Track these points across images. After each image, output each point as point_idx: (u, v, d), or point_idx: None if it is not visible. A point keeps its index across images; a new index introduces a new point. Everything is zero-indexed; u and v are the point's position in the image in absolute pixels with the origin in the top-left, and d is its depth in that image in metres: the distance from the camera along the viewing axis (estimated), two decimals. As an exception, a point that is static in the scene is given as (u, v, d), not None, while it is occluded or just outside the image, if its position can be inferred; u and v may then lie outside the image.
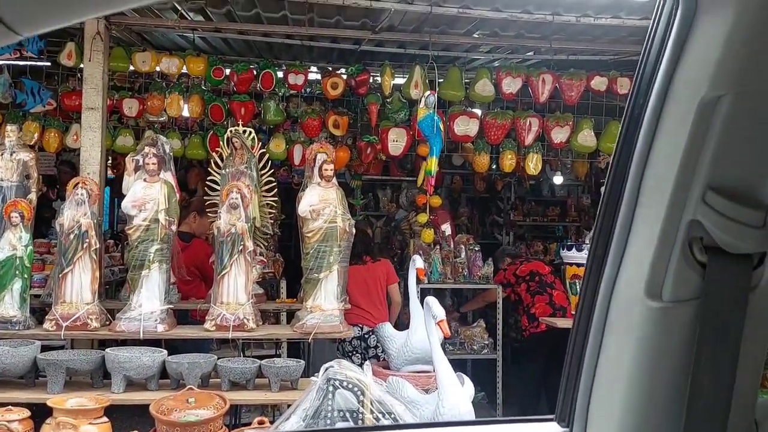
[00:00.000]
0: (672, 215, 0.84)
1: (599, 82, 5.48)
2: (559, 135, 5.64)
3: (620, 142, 0.95)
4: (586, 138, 5.69)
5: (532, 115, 5.60)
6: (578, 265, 4.66)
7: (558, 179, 8.33)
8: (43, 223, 5.65)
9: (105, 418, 3.07)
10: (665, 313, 0.85)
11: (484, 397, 6.14)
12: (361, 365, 4.85)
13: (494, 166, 6.64)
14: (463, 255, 6.02)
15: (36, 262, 4.52)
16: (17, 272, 3.60)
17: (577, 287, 4.68)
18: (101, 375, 3.46)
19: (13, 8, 0.61)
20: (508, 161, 5.75)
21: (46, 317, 3.67)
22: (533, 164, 5.75)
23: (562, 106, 5.77)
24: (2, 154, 4.03)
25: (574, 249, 4.71)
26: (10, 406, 3.01)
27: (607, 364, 0.93)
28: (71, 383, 3.42)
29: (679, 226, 0.84)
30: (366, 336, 4.96)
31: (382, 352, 4.75)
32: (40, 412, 3.07)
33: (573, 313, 4.86)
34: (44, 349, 4.04)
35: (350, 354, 4.95)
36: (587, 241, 6.13)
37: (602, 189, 3.95)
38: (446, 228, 6.55)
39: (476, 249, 6.13)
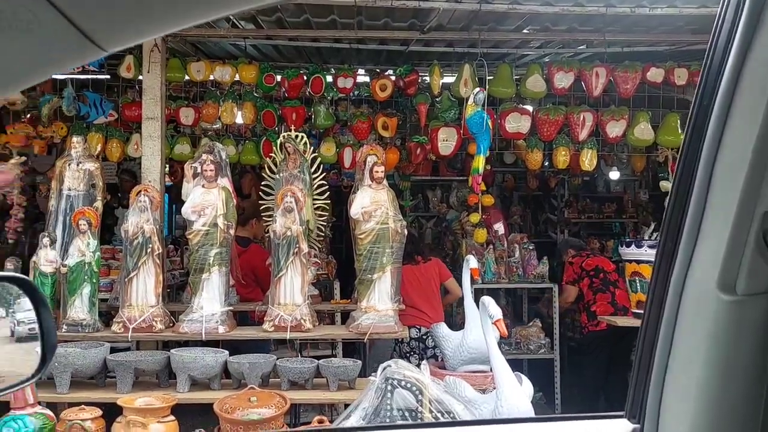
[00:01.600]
0: (745, 207, 0.82)
1: (655, 74, 5.34)
2: (614, 129, 5.52)
3: (688, 134, 0.93)
4: (643, 131, 5.55)
5: (586, 109, 5.49)
6: (638, 262, 4.55)
7: (614, 175, 8.15)
8: (106, 229, 5.87)
9: (172, 417, 3.18)
10: (739, 307, 0.84)
11: (542, 398, 6.06)
12: (419, 366, 4.88)
13: (547, 163, 6.55)
14: (517, 254, 5.96)
15: (101, 267, 4.71)
16: (86, 277, 3.76)
17: (638, 285, 4.58)
18: (167, 375, 3.58)
19: (101, 27, 0.65)
20: (562, 158, 5.65)
21: (114, 320, 3.82)
22: (588, 160, 5.64)
23: (617, 100, 5.65)
24: (69, 165, 4.22)
25: (633, 246, 4.60)
26: (83, 406, 3.14)
27: (679, 360, 0.91)
28: (139, 383, 3.54)
29: (753, 218, 0.82)
30: (424, 337, 4.96)
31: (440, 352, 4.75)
32: (110, 411, 3.20)
33: (634, 311, 4.79)
34: (112, 350, 4.21)
35: (408, 355, 4.96)
36: (646, 237, 5.99)
37: (661, 183, 3.87)
38: (499, 227, 6.50)
39: (530, 248, 6.06)
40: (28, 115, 5.46)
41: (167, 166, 6.45)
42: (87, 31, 0.65)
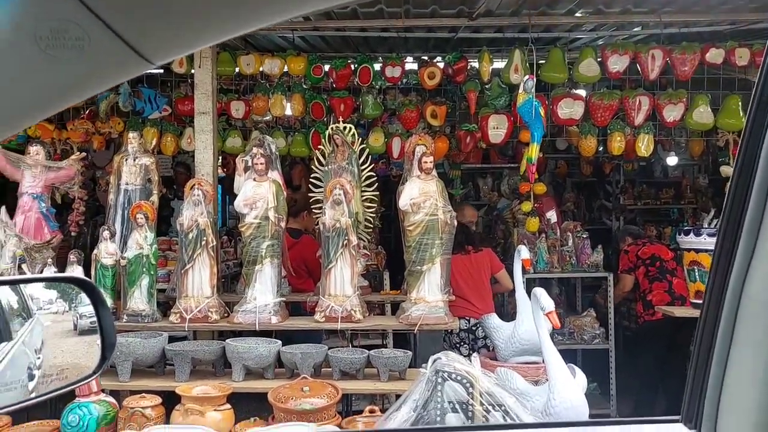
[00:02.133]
0: None
1: (715, 55, 5.13)
2: (672, 113, 5.34)
3: (749, 126, 0.89)
4: (702, 115, 5.35)
5: (642, 93, 5.33)
6: (696, 250, 4.40)
7: (672, 160, 7.89)
8: (162, 221, 6.03)
9: (228, 405, 3.26)
10: None
11: (597, 388, 5.95)
12: (468, 356, 4.86)
13: (601, 148, 6.39)
14: (570, 243, 5.85)
15: (159, 258, 4.84)
16: (144, 269, 3.88)
17: (696, 274, 4.43)
18: (222, 364, 3.67)
19: (149, 41, 0.67)
20: (617, 143, 5.50)
21: (171, 310, 3.93)
22: (644, 146, 5.48)
23: (674, 83, 5.46)
24: (126, 160, 4.35)
25: (692, 234, 4.45)
26: (143, 394, 3.26)
27: (738, 364, 0.88)
28: (196, 372, 3.64)
29: None
30: (473, 328, 4.94)
31: (491, 342, 4.72)
32: (169, 399, 3.31)
33: (692, 301, 4.64)
34: (170, 339, 4.34)
35: (458, 345, 4.95)
36: (705, 225, 5.79)
37: (722, 168, 3.73)
38: (551, 215, 6.39)
39: (584, 236, 5.93)
40: (87, 112, 5.65)
41: (219, 158, 6.60)
42: (135, 46, 0.66)
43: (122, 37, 0.65)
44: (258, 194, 3.93)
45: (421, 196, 3.89)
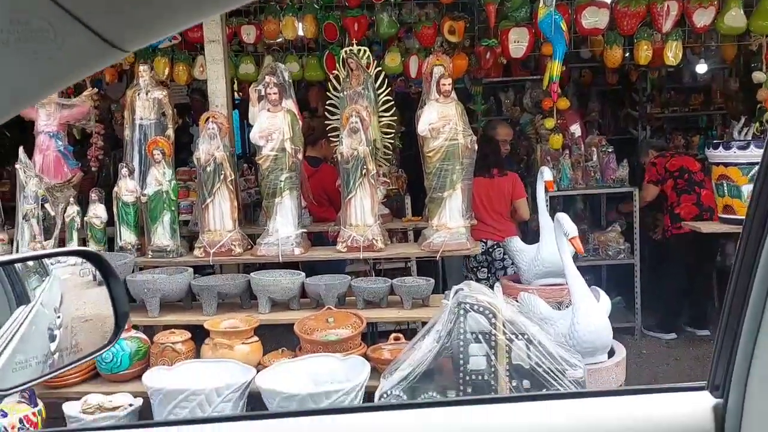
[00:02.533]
0: None
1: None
2: (702, 18, 5.06)
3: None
4: (735, 18, 5.05)
5: (671, -2, 5.04)
6: (725, 164, 4.28)
7: (702, 68, 7.55)
8: (182, 149, 5.98)
9: (255, 338, 3.33)
10: None
11: (621, 302, 6.00)
12: (487, 279, 4.89)
13: (627, 55, 6.12)
14: (594, 158, 5.72)
15: (181, 189, 4.84)
16: (165, 205, 3.89)
17: (725, 189, 4.33)
18: (248, 297, 3.73)
19: (119, 31, 0.62)
20: (644, 52, 5.26)
21: (195, 244, 3.97)
22: (672, 53, 5.22)
23: (705, -16, 5.13)
24: (139, 94, 4.28)
25: (721, 147, 4.31)
26: (173, 329, 3.33)
27: None
28: (223, 305, 3.71)
29: None
30: (490, 250, 4.93)
31: (511, 264, 4.72)
32: (199, 333, 3.38)
33: (720, 216, 4.56)
34: (198, 271, 4.41)
35: (475, 269, 4.96)
36: (736, 134, 5.60)
37: (755, 74, 3.53)
38: (575, 129, 6.23)
39: (609, 150, 5.80)
40: (97, 43, 5.53)
41: (235, 82, 6.48)
42: (103, 35, 0.61)
43: (89, 27, 0.60)
44: (273, 125, 3.85)
45: (440, 120, 3.78)
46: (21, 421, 2.67)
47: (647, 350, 5.43)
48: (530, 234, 5.22)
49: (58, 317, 1.49)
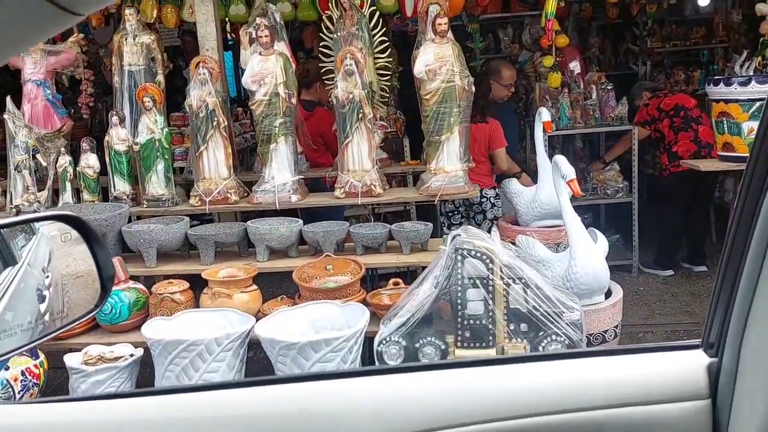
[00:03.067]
0: None
1: None
2: (706, -53, 4.88)
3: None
4: (741, -53, 4.88)
5: (675, -74, 4.85)
6: (726, 101, 4.20)
7: (704, 1, 7.34)
8: (177, 92, 5.86)
9: (254, 286, 3.34)
10: None
11: (620, 239, 6.02)
12: (459, 225, 4.87)
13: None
14: (594, 96, 5.63)
15: (176, 136, 4.79)
16: (158, 154, 3.83)
17: (725, 126, 4.26)
18: (246, 245, 3.72)
19: None
20: (645, -15, 5.10)
21: (191, 193, 3.93)
22: (675, -15, 5.06)
23: None
24: (126, 39, 4.16)
25: (722, 84, 4.22)
26: (171, 280, 3.34)
27: (767, 298, 0.81)
28: (221, 253, 3.71)
29: None
30: None
31: (490, 208, 4.74)
32: (197, 282, 3.39)
33: (720, 153, 4.51)
34: (197, 218, 4.39)
35: (450, 214, 4.92)
36: (737, 68, 5.49)
37: (758, 6, 3.42)
38: (575, 66, 6.10)
39: (608, 88, 5.70)
40: (81, -14, 5.34)
41: (228, 24, 6.30)
42: (59, 2, 0.57)
43: None
44: (265, 69, 3.75)
45: (437, 61, 3.68)
46: (23, 373, 2.71)
47: (644, 287, 5.48)
48: (530, 175, 5.17)
49: (47, 277, 1.46)
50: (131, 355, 2.97)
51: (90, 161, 3.93)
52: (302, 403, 1.05)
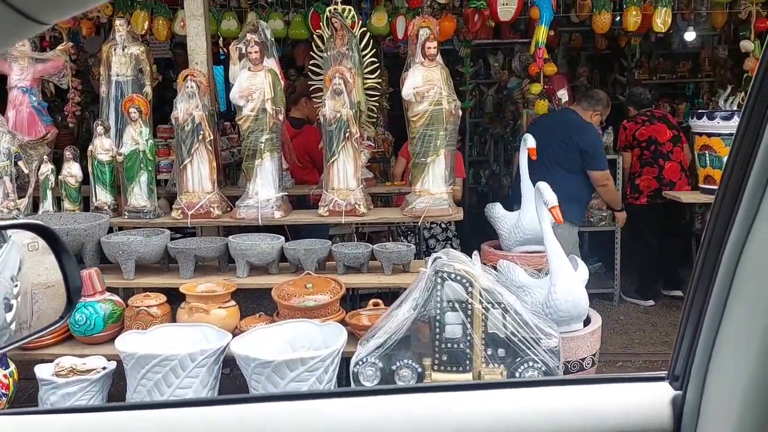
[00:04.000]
0: None
1: None
2: (693, -17, 4.98)
3: (762, 68, 0.77)
4: (726, -16, 4.98)
5: (662, -38, 4.94)
6: (709, 135, 4.25)
7: (690, 36, 7.47)
8: (167, 104, 5.83)
9: (233, 302, 3.31)
10: None
11: (602, 268, 6.04)
12: (414, 243, 4.97)
13: (618, 18, 6.00)
14: (580, 124, 5.67)
15: (162, 148, 4.76)
16: (142, 165, 3.80)
17: (707, 159, 4.31)
18: (226, 260, 3.69)
19: (33, 2, 0.56)
20: (633, 18, 5.17)
21: (173, 206, 3.91)
22: (661, 20, 5.14)
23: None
24: (115, 50, 4.15)
25: (705, 117, 4.28)
26: (148, 293, 3.30)
27: (732, 333, 0.81)
28: (201, 267, 3.67)
29: None
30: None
31: (441, 231, 4.82)
32: (175, 296, 3.36)
33: (701, 186, 4.56)
34: (179, 232, 4.35)
35: (406, 234, 5.05)
36: (721, 102, 5.57)
37: (742, 43, 3.49)
38: (563, 94, 6.15)
39: (595, 117, 5.74)
40: (74, -5, 5.33)
41: (220, 39, 6.32)
42: (17, 6, 0.56)
43: (6, 2, 0.54)
44: (254, 85, 3.76)
45: (425, 84, 3.70)
46: (-8, 383, 2.65)
47: (625, 316, 5.49)
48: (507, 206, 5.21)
49: (16, 285, 1.44)
50: (104, 368, 2.92)
51: (72, 170, 3.90)
52: (274, 423, 1.03)
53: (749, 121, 0.78)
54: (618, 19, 5.75)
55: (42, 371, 2.85)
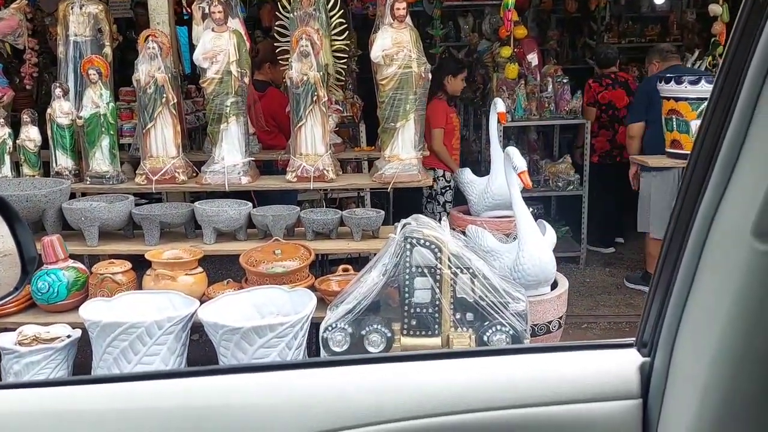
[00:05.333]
0: None
1: None
2: (664, -54, 4.95)
3: (737, 34, 0.75)
4: (697, -53, 4.97)
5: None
6: (676, 99, 4.28)
7: (659, 0, 7.47)
8: (129, 66, 5.65)
9: (200, 269, 3.27)
10: None
11: (569, 232, 6.12)
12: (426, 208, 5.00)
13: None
14: (550, 88, 5.68)
15: (124, 111, 4.63)
16: (103, 129, 3.69)
17: (674, 123, 4.35)
18: (193, 226, 3.63)
19: None
20: (603, -20, 5.15)
21: (137, 171, 3.81)
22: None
23: None
24: (72, 9, 3.99)
25: (672, 82, 4.30)
26: (113, 260, 3.24)
27: (700, 301, 0.81)
28: (167, 234, 3.61)
29: None
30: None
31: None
32: (141, 263, 3.30)
33: (667, 150, 4.60)
34: (145, 198, 4.26)
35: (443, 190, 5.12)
36: (689, 65, 5.61)
37: (711, 6, 3.50)
38: (532, 58, 6.13)
39: (564, 81, 5.75)
40: (27, -51, 5.09)
41: (182, -1, 6.11)
42: None
43: None
44: (218, 47, 3.65)
45: (394, 47, 3.63)
46: (-49, 353, 2.58)
47: (590, 279, 5.59)
48: (484, 165, 5.22)
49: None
50: (68, 336, 2.87)
51: (31, 134, 3.77)
52: (241, 395, 1.02)
53: (722, 90, 0.77)
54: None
55: (4, 340, 2.79)
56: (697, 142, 0.83)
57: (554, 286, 3.41)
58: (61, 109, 3.73)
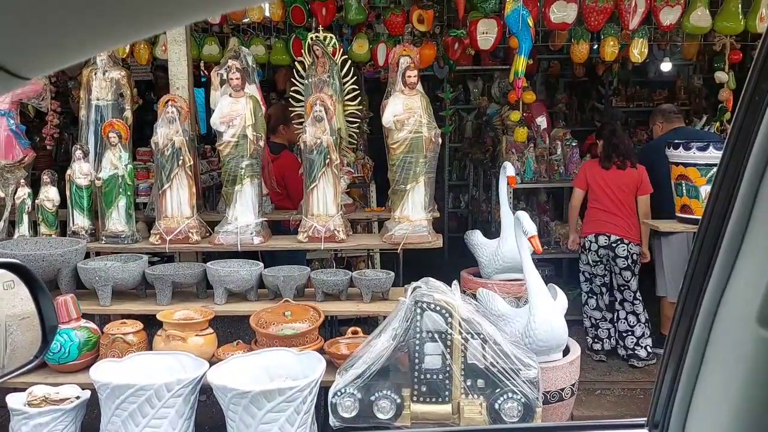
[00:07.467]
0: None
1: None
2: (668, 16, 5.08)
3: (737, 124, 0.79)
4: (700, 18, 5.09)
5: (638, -5, 5.05)
6: (685, 165, 4.32)
7: (666, 66, 7.62)
8: (146, 126, 5.80)
9: (210, 330, 3.28)
10: None
11: (580, 294, 6.07)
12: (603, 278, 5.00)
13: (595, 46, 6.12)
14: (559, 151, 5.75)
15: (141, 171, 4.73)
16: (121, 190, 3.78)
17: (683, 189, 4.38)
18: (204, 286, 3.66)
19: (14, 57, 0.56)
20: (610, 49, 5.28)
21: (152, 231, 3.87)
22: (638, 51, 5.26)
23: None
24: (95, 74, 4.13)
25: (681, 148, 4.35)
26: (124, 320, 3.26)
27: (711, 383, 0.82)
28: (178, 293, 3.64)
29: None
30: (613, 245, 4.89)
31: (632, 263, 4.84)
32: (152, 323, 3.31)
33: (678, 215, 4.63)
34: (157, 256, 4.30)
35: (594, 264, 5.07)
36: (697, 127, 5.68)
37: (717, 74, 3.58)
38: (541, 121, 6.24)
39: (573, 144, 5.83)
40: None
41: (202, 63, 6.31)
42: (3, 66, 0.56)
43: None
44: (234, 111, 3.76)
45: (405, 112, 3.74)
46: (-39, 414, 2.58)
47: (603, 343, 5.51)
48: (494, 225, 5.23)
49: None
50: (77, 398, 2.86)
51: (50, 194, 3.86)
52: None
53: (731, 157, 0.80)
54: (596, 47, 5.88)
55: (14, 401, 2.79)
56: (701, 231, 0.85)
57: (566, 351, 3.38)
58: (80, 171, 3.83)
